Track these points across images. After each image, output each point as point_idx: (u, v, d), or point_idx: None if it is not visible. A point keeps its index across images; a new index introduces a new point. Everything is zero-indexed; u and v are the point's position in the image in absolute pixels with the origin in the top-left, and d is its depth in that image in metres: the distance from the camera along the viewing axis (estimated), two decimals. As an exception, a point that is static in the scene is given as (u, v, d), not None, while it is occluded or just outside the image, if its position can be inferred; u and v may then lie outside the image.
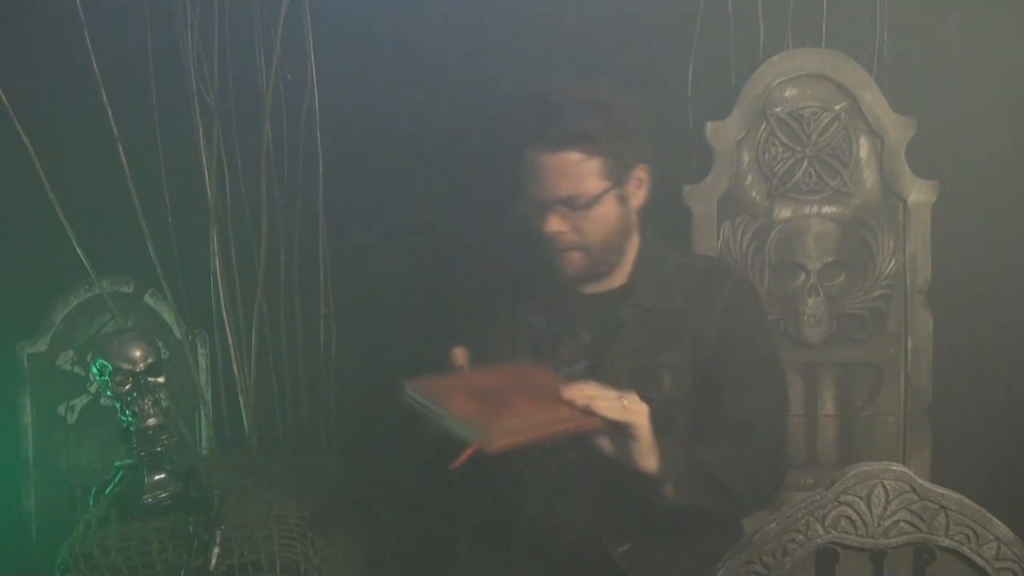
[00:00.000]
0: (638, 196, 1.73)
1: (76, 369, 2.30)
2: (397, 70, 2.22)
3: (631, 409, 1.50)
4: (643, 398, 1.60)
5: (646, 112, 1.73)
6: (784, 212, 2.16)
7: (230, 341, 2.20)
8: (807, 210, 2.16)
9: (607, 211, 1.68)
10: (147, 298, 2.29)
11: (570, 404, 1.47)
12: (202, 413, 2.26)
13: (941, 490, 1.43)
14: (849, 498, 1.43)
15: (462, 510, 1.58)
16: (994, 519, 1.44)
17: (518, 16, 2.20)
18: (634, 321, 1.73)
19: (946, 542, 1.43)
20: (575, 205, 1.66)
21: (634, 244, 1.77)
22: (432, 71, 2.22)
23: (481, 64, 2.21)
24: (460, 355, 1.63)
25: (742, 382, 1.71)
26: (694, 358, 1.72)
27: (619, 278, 1.78)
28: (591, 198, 1.66)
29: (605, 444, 1.53)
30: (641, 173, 1.72)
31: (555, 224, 1.67)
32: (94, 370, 1.66)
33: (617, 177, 1.68)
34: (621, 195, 1.70)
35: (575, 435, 1.52)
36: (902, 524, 1.43)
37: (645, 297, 1.75)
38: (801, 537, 1.44)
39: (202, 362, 2.28)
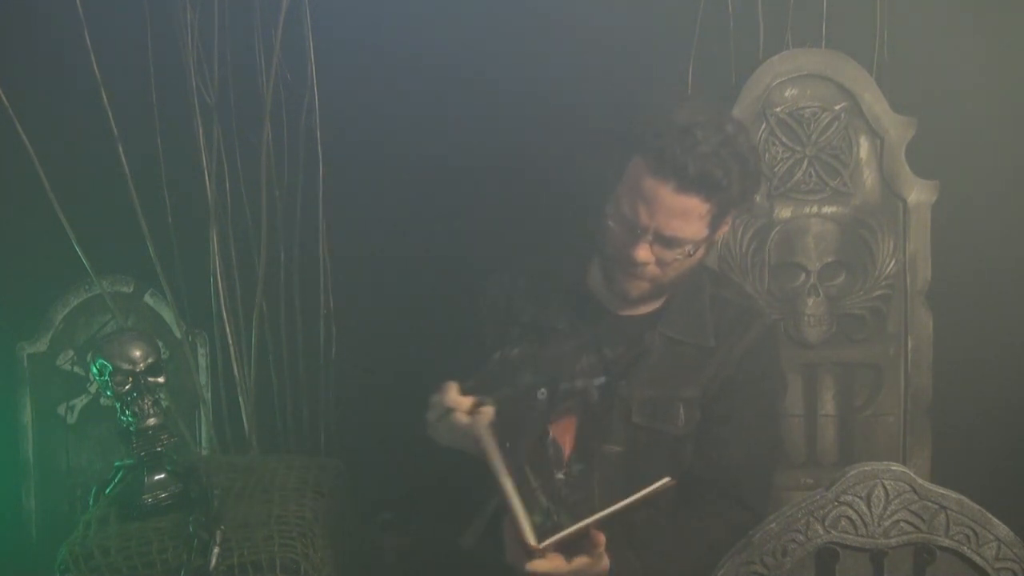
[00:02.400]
0: (717, 237, 1.70)
1: (76, 369, 2.29)
2: (397, 70, 2.22)
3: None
4: (655, 430, 1.60)
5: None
6: (784, 212, 2.16)
7: (230, 341, 2.20)
8: (807, 210, 2.16)
9: (696, 256, 1.65)
10: (147, 298, 2.29)
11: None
12: (202, 413, 2.26)
13: (941, 490, 1.44)
14: (849, 498, 1.43)
15: (474, 504, 1.56)
16: (994, 519, 1.44)
17: (517, 15, 2.20)
18: (659, 350, 1.71)
19: (946, 542, 1.43)
20: (672, 245, 1.60)
21: None
22: (432, 70, 2.22)
23: (480, 63, 2.21)
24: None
25: (740, 428, 1.70)
26: (705, 393, 1.70)
27: (654, 303, 1.75)
28: (694, 244, 1.61)
29: None
30: (731, 219, 1.68)
31: (644, 254, 1.60)
32: (94, 370, 1.66)
33: (717, 225, 1.64)
34: (711, 241, 1.67)
35: None
36: (902, 524, 1.43)
37: (675, 328, 1.72)
38: (801, 537, 1.44)
39: (202, 362, 2.27)
